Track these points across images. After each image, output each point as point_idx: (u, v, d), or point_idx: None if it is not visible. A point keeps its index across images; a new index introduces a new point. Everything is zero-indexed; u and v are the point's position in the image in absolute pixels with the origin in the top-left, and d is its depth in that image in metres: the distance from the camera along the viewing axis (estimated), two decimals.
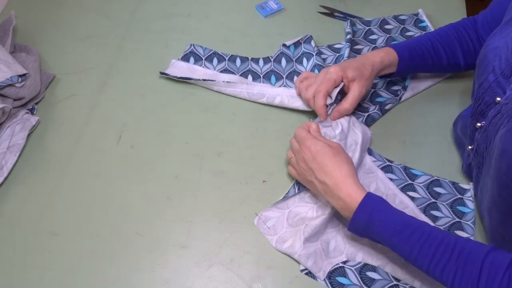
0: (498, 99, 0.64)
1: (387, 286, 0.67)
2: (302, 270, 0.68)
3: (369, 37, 0.97)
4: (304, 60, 0.91)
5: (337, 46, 0.95)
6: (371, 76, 0.79)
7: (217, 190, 0.75)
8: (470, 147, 0.73)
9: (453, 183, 0.76)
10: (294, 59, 0.91)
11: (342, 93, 0.79)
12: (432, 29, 0.96)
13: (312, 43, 0.91)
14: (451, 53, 0.82)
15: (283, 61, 0.91)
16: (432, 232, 0.59)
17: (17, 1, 1.01)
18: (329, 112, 0.78)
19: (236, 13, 1.00)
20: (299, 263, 0.68)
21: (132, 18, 0.99)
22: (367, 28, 0.98)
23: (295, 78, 0.88)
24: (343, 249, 0.70)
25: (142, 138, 0.81)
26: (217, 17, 1.00)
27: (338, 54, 0.93)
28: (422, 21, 0.98)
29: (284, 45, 0.93)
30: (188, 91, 0.87)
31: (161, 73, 0.88)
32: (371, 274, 0.68)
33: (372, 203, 0.63)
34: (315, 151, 0.68)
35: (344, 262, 0.69)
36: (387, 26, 0.99)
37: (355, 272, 0.68)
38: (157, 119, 0.84)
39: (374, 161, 0.79)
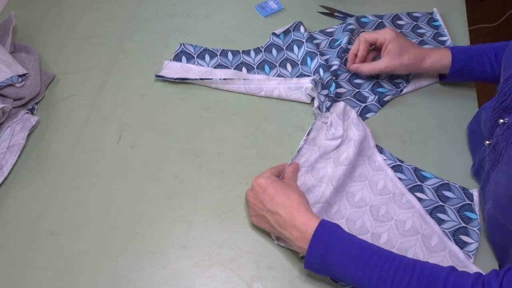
0: None
1: None
2: None
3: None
4: (295, 47, 0.92)
5: (329, 30, 0.97)
6: (408, 67, 0.82)
7: (217, 190, 0.75)
8: (487, 142, 0.71)
9: (463, 189, 0.76)
10: (284, 47, 0.93)
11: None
12: (446, 29, 0.96)
13: (302, 29, 0.93)
14: None
15: (274, 51, 0.93)
16: (390, 255, 0.58)
17: (17, 1, 1.01)
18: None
19: (236, 13, 1.00)
20: (299, 261, 0.68)
21: (132, 18, 0.99)
22: (379, 20, 0.99)
23: (288, 65, 0.90)
24: (344, 214, 0.72)
25: (142, 138, 0.81)
26: (217, 17, 1.00)
27: (331, 38, 0.94)
28: (436, 20, 0.99)
29: (274, 33, 0.94)
30: (188, 91, 0.87)
31: (157, 75, 0.88)
32: None
33: (328, 229, 0.61)
34: (265, 184, 0.67)
35: None
36: (399, 22, 0.99)
37: None
38: (157, 119, 0.84)
39: (385, 159, 0.79)
